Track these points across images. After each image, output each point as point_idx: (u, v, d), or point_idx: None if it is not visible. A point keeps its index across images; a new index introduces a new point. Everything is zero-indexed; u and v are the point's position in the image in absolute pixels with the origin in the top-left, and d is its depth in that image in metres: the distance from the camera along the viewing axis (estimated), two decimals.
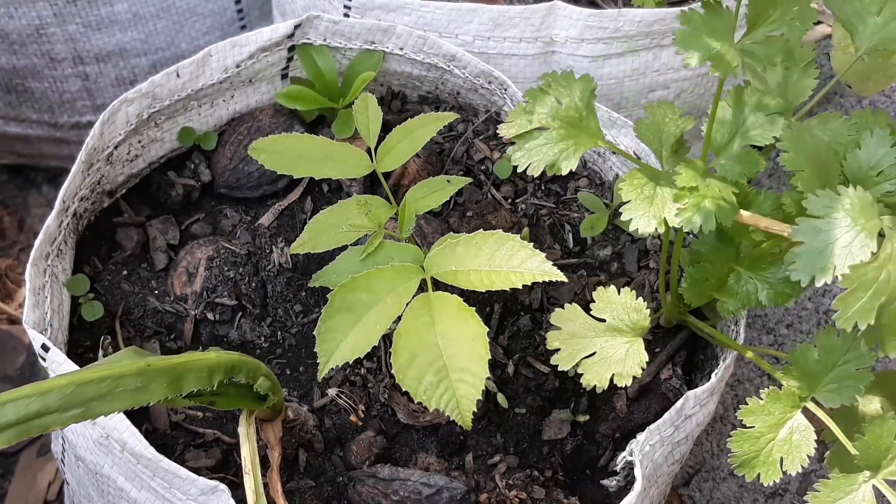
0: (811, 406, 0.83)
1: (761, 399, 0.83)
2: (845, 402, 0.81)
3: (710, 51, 0.74)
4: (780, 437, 0.82)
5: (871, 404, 0.88)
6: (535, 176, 0.83)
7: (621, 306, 0.89)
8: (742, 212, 0.81)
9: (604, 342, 0.88)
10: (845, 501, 0.78)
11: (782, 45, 0.78)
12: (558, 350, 0.88)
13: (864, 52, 0.89)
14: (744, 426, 0.82)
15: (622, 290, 0.89)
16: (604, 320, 0.89)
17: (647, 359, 0.87)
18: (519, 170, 0.83)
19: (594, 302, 0.89)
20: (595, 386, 0.86)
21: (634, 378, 0.99)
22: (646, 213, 0.80)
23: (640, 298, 0.90)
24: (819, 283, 0.70)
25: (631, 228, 0.81)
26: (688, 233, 1.03)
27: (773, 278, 0.86)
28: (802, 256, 0.71)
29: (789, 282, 0.84)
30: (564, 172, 0.83)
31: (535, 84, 1.17)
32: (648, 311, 0.89)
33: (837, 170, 0.80)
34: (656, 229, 0.80)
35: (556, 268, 0.83)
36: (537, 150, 0.83)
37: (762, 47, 0.78)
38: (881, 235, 0.71)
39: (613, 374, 0.87)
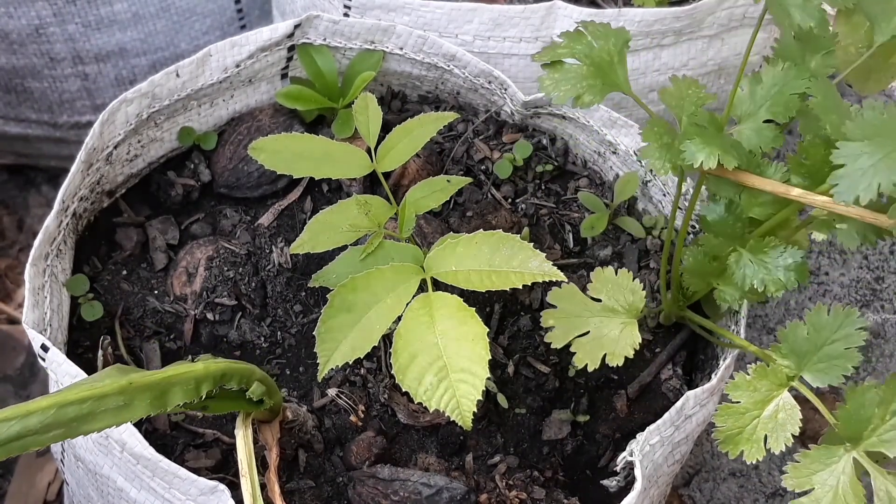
0: (802, 388, 0.82)
1: (748, 374, 0.82)
2: (833, 381, 0.80)
3: None
4: (765, 414, 0.81)
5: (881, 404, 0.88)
6: (561, 103, 0.84)
7: (618, 287, 0.89)
8: (749, 174, 0.82)
9: (598, 322, 0.88)
10: (825, 473, 0.77)
11: (821, 13, 0.79)
12: (552, 328, 0.88)
13: (877, 46, 0.89)
14: (728, 401, 0.82)
15: (619, 270, 0.89)
16: (599, 300, 0.89)
17: (640, 340, 0.87)
18: (545, 94, 0.84)
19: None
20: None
21: (635, 378, 1.00)
22: (661, 158, 0.81)
23: (637, 280, 0.90)
24: (864, 202, 0.70)
25: (648, 167, 0.82)
26: (691, 228, 1.03)
27: (771, 264, 0.85)
28: (845, 178, 0.71)
29: (786, 270, 0.84)
30: (589, 106, 0.83)
31: (535, 84, 1.17)
32: (644, 292, 0.89)
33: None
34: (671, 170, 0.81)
35: (556, 268, 0.83)
36: (566, 81, 0.84)
37: (800, 7, 0.79)
38: None
39: (606, 354, 0.86)
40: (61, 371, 0.84)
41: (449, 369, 0.80)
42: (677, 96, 0.87)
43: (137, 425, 0.84)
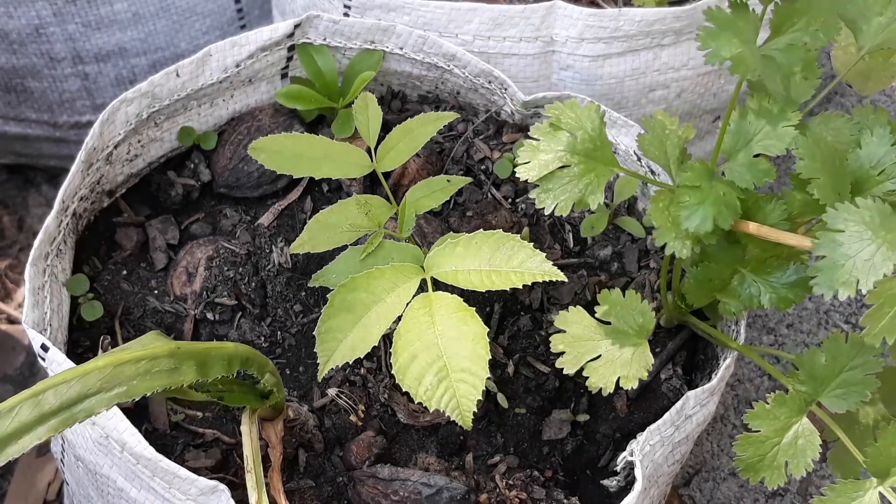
0: (813, 408, 0.83)
1: (767, 404, 0.83)
2: (851, 407, 0.81)
3: (732, 50, 0.74)
4: (785, 441, 0.82)
5: (870, 403, 0.88)
6: (563, 214, 0.83)
7: (626, 309, 0.88)
8: (748, 223, 0.81)
9: (609, 345, 0.88)
10: None
11: (804, 53, 0.78)
12: (563, 353, 0.88)
13: (867, 52, 0.89)
14: (748, 430, 0.82)
15: (627, 292, 0.89)
16: (609, 323, 0.89)
17: (652, 361, 0.87)
18: (546, 211, 0.83)
19: (596, 303, 0.89)
20: (585, 385, 0.86)
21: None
22: (678, 236, 0.80)
23: (646, 301, 0.89)
24: (843, 297, 0.70)
25: (668, 253, 0.80)
26: None
27: (776, 283, 0.85)
28: (824, 271, 0.71)
29: (792, 287, 0.85)
30: (593, 207, 0.82)
31: (535, 84, 1.17)
32: (654, 313, 0.89)
33: (846, 174, 0.80)
34: (693, 250, 0.79)
35: (556, 268, 0.83)
36: (562, 189, 0.82)
37: (783, 54, 0.78)
38: None
39: (619, 377, 0.86)
40: (61, 371, 0.84)
41: (449, 369, 0.80)
42: (657, 143, 0.86)
43: (137, 425, 0.84)
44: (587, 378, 0.87)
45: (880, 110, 0.86)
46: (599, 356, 0.87)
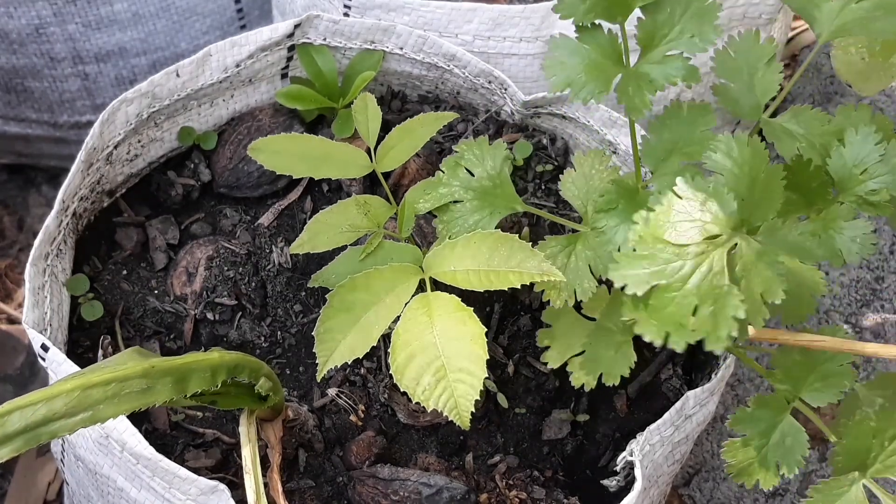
0: (802, 408, 0.82)
1: (748, 407, 0.82)
2: (831, 399, 0.81)
3: (571, 78, 0.76)
4: (773, 442, 0.82)
5: (874, 406, 0.88)
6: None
7: (612, 306, 0.88)
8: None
9: (594, 341, 0.88)
10: (841, 503, 0.78)
11: (683, 63, 0.77)
12: (548, 348, 0.88)
13: (826, 39, 0.85)
14: (732, 435, 0.82)
15: (613, 289, 0.89)
16: (594, 319, 0.89)
17: (635, 359, 0.87)
18: (439, 237, 0.88)
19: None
20: (583, 385, 0.86)
21: (635, 378, 1.00)
22: (649, 321, 0.72)
23: None
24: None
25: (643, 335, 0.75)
26: None
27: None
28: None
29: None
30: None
31: (535, 84, 1.17)
32: None
33: (779, 191, 0.78)
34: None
35: (553, 267, 0.83)
36: (454, 223, 0.87)
37: (659, 67, 0.77)
38: None
39: (602, 374, 0.86)
40: (61, 371, 0.84)
41: (447, 369, 0.80)
42: (581, 182, 0.88)
43: (137, 425, 0.84)
44: (571, 374, 0.87)
45: (862, 107, 0.85)
46: (584, 352, 0.88)
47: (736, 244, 0.67)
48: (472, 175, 0.88)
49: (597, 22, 0.78)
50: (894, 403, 0.89)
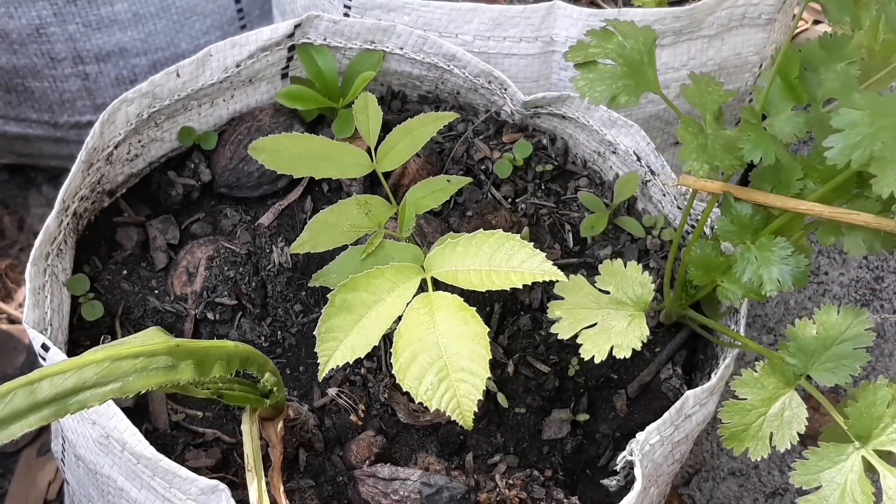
0: (808, 387, 0.82)
1: (756, 371, 0.82)
2: (840, 381, 0.80)
3: None
4: (771, 411, 0.81)
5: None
6: (597, 104, 0.85)
7: (626, 279, 0.89)
8: (756, 192, 0.83)
9: (606, 314, 0.88)
10: (833, 471, 0.77)
11: None
12: (559, 319, 0.88)
13: None
14: (735, 397, 0.82)
15: (629, 263, 0.89)
16: (608, 292, 0.89)
17: (647, 332, 0.87)
18: (580, 96, 0.85)
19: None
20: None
21: (634, 378, 1.00)
22: (699, 158, 0.81)
23: (646, 272, 0.90)
24: (855, 165, 0.71)
25: (685, 169, 0.82)
26: (692, 228, 1.03)
27: (774, 264, 0.85)
28: (841, 141, 0.72)
29: (785, 272, 0.84)
30: (624, 106, 0.84)
31: (535, 84, 1.17)
32: (653, 284, 0.89)
33: None
34: (709, 171, 0.82)
35: (555, 267, 0.83)
36: (601, 81, 0.84)
37: None
38: None
39: (613, 346, 0.86)
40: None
41: (449, 369, 0.80)
42: (699, 93, 0.88)
43: (138, 425, 0.84)
44: (580, 345, 0.87)
45: None
46: (595, 324, 0.87)
47: None
48: (626, 45, 0.85)
49: None
50: None
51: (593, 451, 0.99)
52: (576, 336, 0.87)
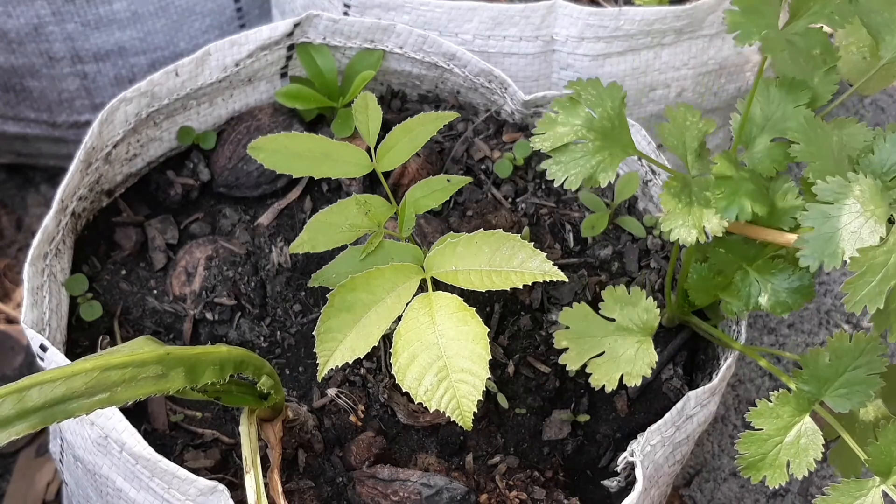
0: (815, 407, 0.83)
1: (770, 401, 0.82)
2: (855, 406, 0.81)
3: (760, 31, 0.74)
4: (787, 440, 0.82)
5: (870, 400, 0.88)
6: (572, 189, 0.83)
7: (631, 305, 0.88)
8: (745, 224, 0.81)
9: (613, 341, 0.88)
10: None
11: (822, 37, 0.78)
12: (566, 349, 0.88)
13: (888, 61, 0.89)
14: (751, 428, 0.82)
15: (632, 289, 0.89)
16: (613, 319, 0.89)
17: (656, 359, 0.87)
18: (556, 184, 0.83)
19: (600, 301, 0.89)
20: (604, 386, 0.86)
21: None
22: (685, 223, 0.80)
23: (650, 298, 0.89)
24: (828, 269, 0.71)
25: (672, 238, 0.80)
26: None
27: (778, 286, 0.86)
28: (811, 242, 0.72)
29: (793, 293, 0.85)
30: (603, 185, 0.82)
31: (536, 83, 1.17)
32: (658, 310, 0.89)
33: (845, 161, 0.80)
34: (697, 238, 0.79)
35: (556, 267, 0.83)
36: (574, 163, 0.83)
37: (802, 38, 0.78)
38: (891, 222, 0.72)
39: (623, 374, 0.86)
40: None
41: (449, 369, 0.80)
42: (678, 133, 0.86)
43: (136, 425, 0.84)
44: (590, 375, 0.86)
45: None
46: (603, 353, 0.87)
47: None
48: (594, 115, 0.83)
49: None
50: (893, 397, 0.89)
51: (594, 451, 0.98)
52: (585, 365, 0.87)
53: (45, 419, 0.60)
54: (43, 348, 0.85)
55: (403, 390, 0.81)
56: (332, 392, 0.95)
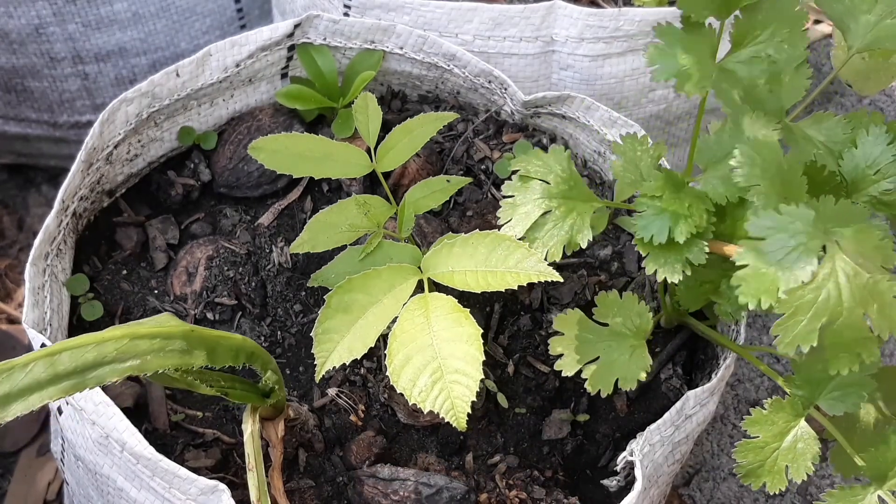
0: (811, 411, 0.83)
1: (764, 409, 0.82)
2: (849, 409, 0.81)
3: (678, 67, 0.74)
4: (784, 445, 0.82)
5: (870, 400, 0.88)
6: (557, 260, 0.84)
7: (624, 310, 0.88)
8: (712, 241, 0.81)
9: (607, 346, 0.88)
10: None
11: (768, 65, 0.77)
12: (561, 355, 0.88)
13: (856, 51, 0.88)
14: (747, 436, 0.82)
15: (624, 294, 0.89)
16: (606, 324, 0.89)
17: (651, 362, 0.87)
18: (546, 261, 0.83)
19: (595, 305, 0.89)
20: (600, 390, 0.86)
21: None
22: (668, 260, 0.79)
23: (643, 302, 0.89)
24: (765, 306, 0.68)
25: (660, 279, 0.80)
26: None
27: None
28: (746, 280, 0.69)
29: None
30: (584, 245, 0.83)
31: (535, 84, 1.17)
32: (651, 314, 0.89)
33: (798, 178, 0.77)
34: (683, 272, 0.79)
35: (551, 268, 0.83)
36: (549, 236, 0.84)
37: (745, 67, 0.78)
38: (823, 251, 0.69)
39: (617, 379, 0.87)
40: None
41: (443, 370, 0.80)
42: (632, 167, 0.85)
43: (137, 425, 0.84)
44: (586, 380, 0.87)
45: (875, 113, 0.86)
46: (598, 358, 0.88)
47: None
48: (549, 183, 0.84)
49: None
50: (892, 397, 0.89)
51: (593, 451, 0.99)
52: (580, 371, 0.88)
53: (76, 384, 0.60)
54: (44, 348, 0.85)
55: (399, 391, 0.81)
56: (332, 392, 0.95)
